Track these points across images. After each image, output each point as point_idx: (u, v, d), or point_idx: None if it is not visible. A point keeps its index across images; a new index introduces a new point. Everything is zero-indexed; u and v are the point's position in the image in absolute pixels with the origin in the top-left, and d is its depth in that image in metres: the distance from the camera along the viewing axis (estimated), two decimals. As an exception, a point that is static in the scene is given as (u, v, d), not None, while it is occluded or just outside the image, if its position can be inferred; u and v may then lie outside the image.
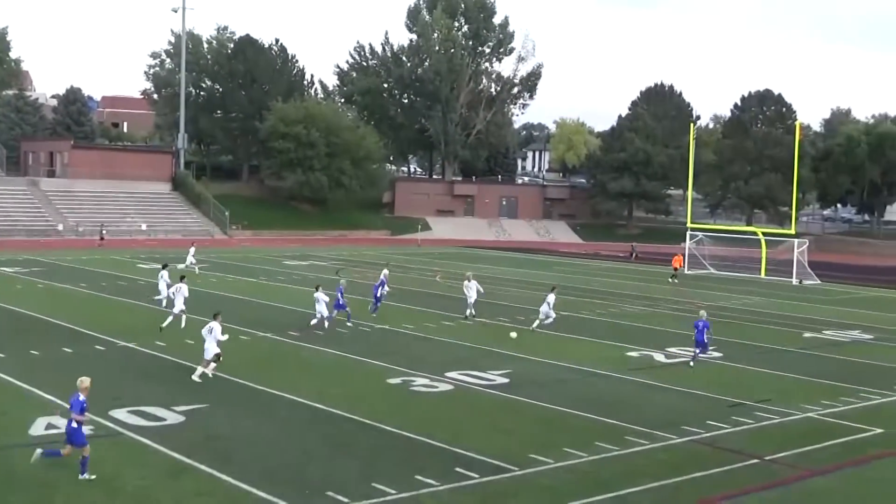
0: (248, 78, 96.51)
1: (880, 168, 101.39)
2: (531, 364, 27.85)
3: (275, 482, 16.00)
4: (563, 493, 16.06)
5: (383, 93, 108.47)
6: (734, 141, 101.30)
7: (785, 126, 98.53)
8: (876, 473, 18.22)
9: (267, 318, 34.96)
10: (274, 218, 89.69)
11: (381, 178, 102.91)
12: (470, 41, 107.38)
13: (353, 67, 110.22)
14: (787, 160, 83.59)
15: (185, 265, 48.93)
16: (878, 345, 34.60)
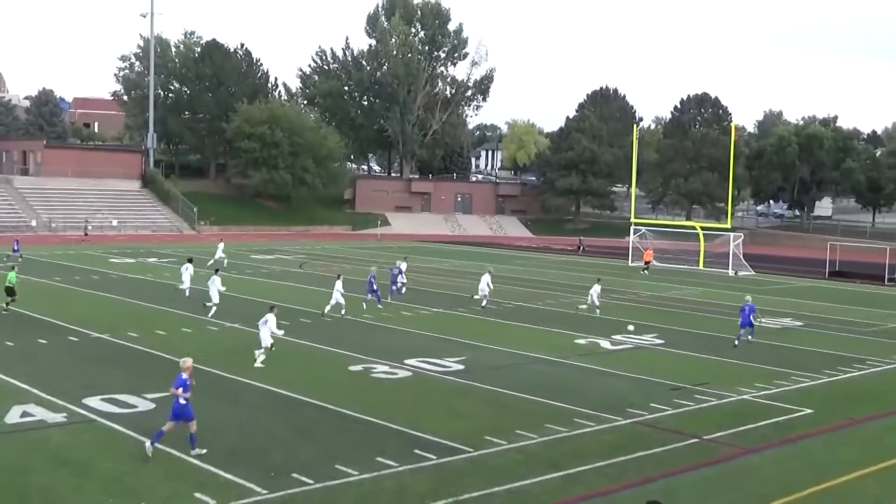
0: (214, 81, 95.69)
1: (809, 166, 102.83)
2: (485, 351, 27.91)
3: (241, 465, 15.90)
4: (516, 473, 16.12)
5: (344, 95, 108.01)
6: (674, 141, 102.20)
7: (721, 127, 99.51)
8: (804, 451, 18.48)
9: (235, 309, 34.69)
10: (240, 214, 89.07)
11: (343, 176, 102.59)
12: (426, 46, 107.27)
13: (315, 71, 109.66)
14: (723, 159, 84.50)
15: (214, 260, 49.55)
16: (807, 331, 35.09)
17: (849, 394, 24.01)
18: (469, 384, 23.21)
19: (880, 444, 19.10)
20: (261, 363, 24.21)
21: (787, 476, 16.67)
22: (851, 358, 28.96)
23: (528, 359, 26.90)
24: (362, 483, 15.31)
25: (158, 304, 35.67)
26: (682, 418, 20.55)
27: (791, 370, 26.40)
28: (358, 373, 24.17)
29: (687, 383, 24.04)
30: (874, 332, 35.47)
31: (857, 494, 15.73)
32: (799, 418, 21.01)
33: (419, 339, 29.68)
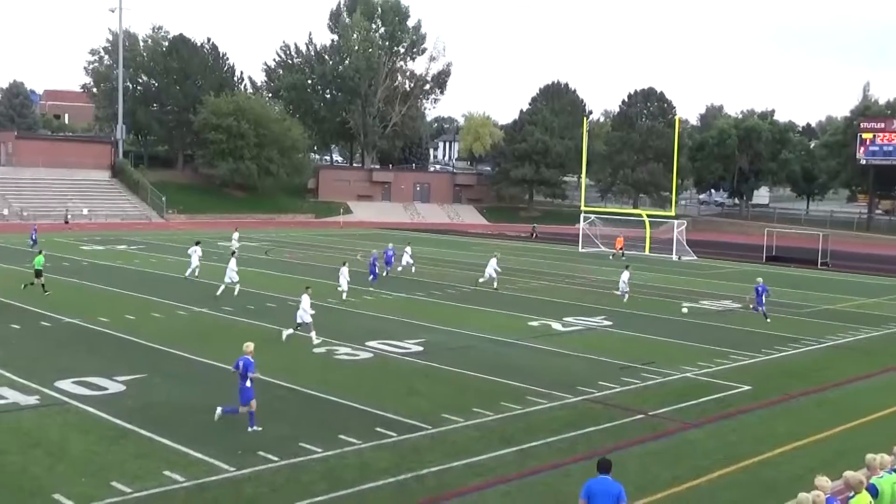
0: (182, 74, 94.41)
1: (748, 157, 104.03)
2: (443, 333, 27.97)
3: (209, 443, 15.82)
4: (472, 448, 16.22)
5: (307, 88, 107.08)
6: (622, 133, 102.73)
7: (666, 120, 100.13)
8: (742, 425, 18.78)
9: (203, 294, 34.42)
10: (207, 203, 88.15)
11: (306, 166, 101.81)
12: (386, 42, 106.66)
13: (279, 65, 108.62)
14: (667, 150, 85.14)
15: (230, 245, 50.49)
16: (746, 313, 35.52)
17: (784, 371, 24.41)
18: (428, 365, 23.25)
19: (813, 418, 19.46)
20: (316, 342, 25.32)
21: (727, 448, 16.94)
22: (787, 337, 29.43)
23: (483, 340, 27.00)
24: (326, 460, 15.30)
25: (128, 289, 35.27)
26: (628, 395, 20.78)
27: (731, 349, 26.77)
28: (321, 355, 24.12)
29: (634, 362, 24.29)
30: (808, 313, 36.06)
31: (791, 465, 16.01)
32: (738, 394, 21.33)
33: (380, 323, 29.66)
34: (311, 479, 14.38)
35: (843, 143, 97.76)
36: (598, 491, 10.74)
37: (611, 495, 10.68)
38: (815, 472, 11.81)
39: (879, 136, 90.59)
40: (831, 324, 33.04)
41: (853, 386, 22.97)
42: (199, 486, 13.89)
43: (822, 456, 16.49)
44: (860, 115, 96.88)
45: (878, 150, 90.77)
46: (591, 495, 10.75)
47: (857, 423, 19.12)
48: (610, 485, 10.81)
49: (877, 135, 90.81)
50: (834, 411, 20.09)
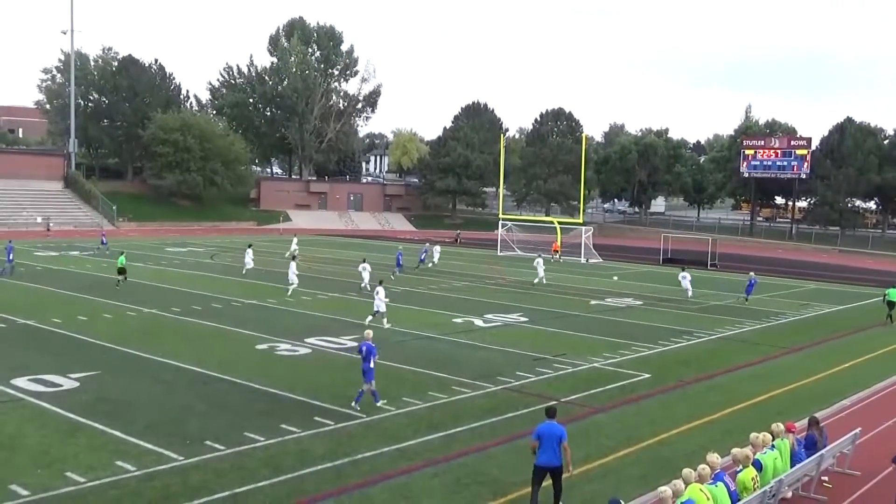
0: (131, 92, 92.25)
1: (646, 171, 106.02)
2: (376, 330, 27.76)
3: (159, 435, 15.48)
4: (403, 434, 16.18)
5: (249, 106, 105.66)
6: (535, 149, 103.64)
7: (574, 137, 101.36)
8: (643, 409, 19.10)
9: (152, 296, 33.67)
10: (156, 212, 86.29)
11: (248, 177, 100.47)
12: (322, 65, 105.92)
13: (223, 84, 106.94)
14: (576, 164, 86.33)
15: (290, 252, 51.78)
16: (646, 309, 36.19)
17: (680, 360, 24.89)
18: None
19: (705, 402, 19.89)
20: (387, 325, 27.80)
21: (629, 430, 17.21)
22: (682, 331, 30.04)
23: (413, 336, 26.95)
24: (268, 447, 15.11)
25: (81, 292, 34.29)
26: (542, 384, 20.96)
27: (633, 341, 27.20)
28: (264, 351, 23.79)
29: (547, 354, 24.50)
30: (700, 308, 36.86)
31: (686, 443, 16.34)
32: (639, 382, 21.68)
33: (318, 321, 29.39)
34: (255, 465, 14.17)
35: (728, 159, 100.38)
36: (546, 432, 12.57)
37: (555, 435, 12.53)
38: (706, 450, 12.10)
39: (760, 151, 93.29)
40: (720, 318, 33.83)
41: (739, 373, 23.54)
42: (148, 474, 13.57)
43: (713, 435, 16.86)
44: (743, 134, 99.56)
45: (759, 164, 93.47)
46: (541, 435, 12.57)
47: (742, 405, 19.61)
48: (555, 427, 12.64)
49: (757, 151, 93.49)
50: (723, 395, 20.57)
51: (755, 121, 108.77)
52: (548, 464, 12.53)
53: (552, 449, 12.49)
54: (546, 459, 12.52)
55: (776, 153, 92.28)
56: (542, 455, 12.53)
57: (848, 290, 47.82)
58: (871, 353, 27.40)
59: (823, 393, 21.25)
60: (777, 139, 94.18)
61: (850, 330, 32.55)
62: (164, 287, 36.97)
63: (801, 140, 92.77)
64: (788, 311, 36.85)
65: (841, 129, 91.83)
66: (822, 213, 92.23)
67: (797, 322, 34.32)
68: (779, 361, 25.54)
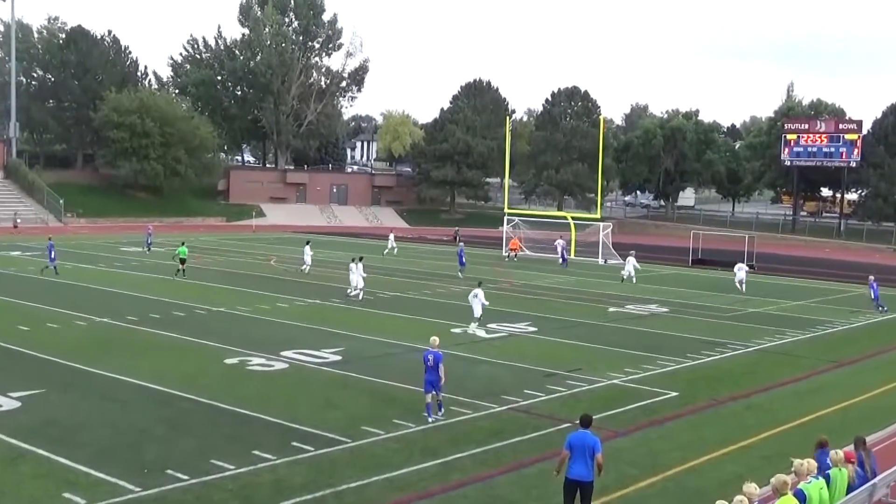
0: (80, 68, 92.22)
1: (673, 158, 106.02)
2: (362, 342, 27.85)
3: (113, 462, 15.46)
4: (393, 462, 16.17)
5: (217, 85, 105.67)
6: (546, 133, 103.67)
7: (590, 120, 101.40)
8: (670, 432, 19.11)
9: (104, 303, 33.63)
10: (110, 206, 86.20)
11: (216, 166, 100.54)
12: (300, 36, 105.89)
13: (186, 60, 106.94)
14: (592, 151, 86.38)
15: (387, 250, 58.87)
16: (673, 317, 36.21)
17: (711, 376, 24.92)
18: (346, 375, 23.13)
19: (741, 424, 19.90)
20: (475, 330, 29.66)
21: (655, 456, 17.21)
22: (714, 342, 30.06)
23: (404, 348, 26.93)
24: (239, 477, 15.09)
25: (23, 299, 34.26)
26: (554, 403, 20.97)
27: (658, 355, 27.21)
28: (234, 365, 23.78)
29: (559, 369, 24.51)
30: (734, 317, 36.90)
31: (720, 471, 16.35)
32: (665, 401, 21.70)
33: (295, 331, 29.39)
34: (223, 497, 14.16)
35: (768, 144, 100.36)
36: (578, 442, 13.05)
37: (587, 446, 12.97)
38: (743, 479, 12.07)
39: (803, 136, 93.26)
40: (757, 327, 33.85)
41: (780, 390, 23.56)
42: (101, 508, 13.55)
43: (750, 462, 16.86)
44: (784, 116, 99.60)
45: (802, 150, 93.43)
46: (572, 446, 13.03)
47: (784, 427, 19.62)
48: (588, 437, 13.11)
49: (800, 135, 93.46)
50: (761, 416, 20.58)
51: (798, 101, 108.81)
52: (579, 477, 12.89)
53: (584, 461, 12.90)
54: (577, 472, 12.90)
55: (822, 138, 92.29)
56: (573, 467, 12.93)
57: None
58: (932, 368, 27.42)
59: (876, 413, 21.25)
60: (823, 122, 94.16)
61: (907, 341, 32.57)
62: (119, 292, 36.94)
63: (850, 123, 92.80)
64: (836, 320, 36.87)
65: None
66: (874, 206, 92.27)
67: (846, 332, 34.34)
68: (825, 377, 25.57)
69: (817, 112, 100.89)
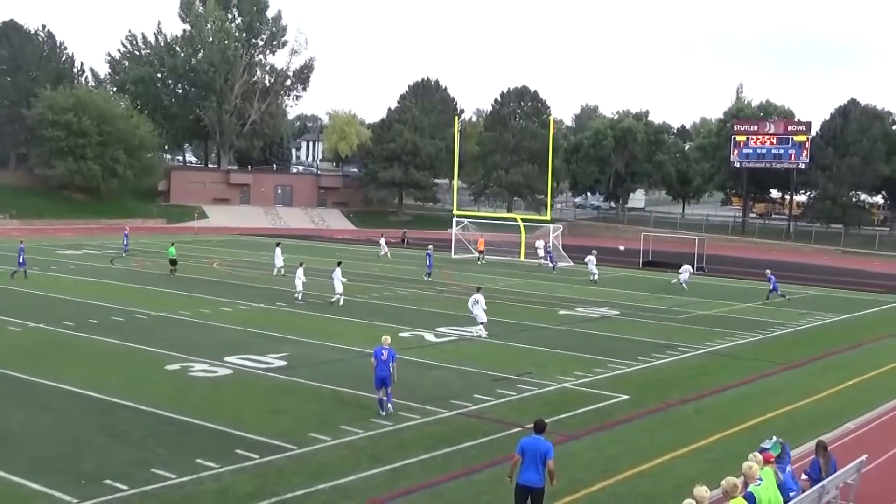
0: (13, 64, 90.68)
1: (623, 159, 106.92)
2: (308, 346, 27.72)
3: (49, 473, 15.21)
4: (340, 469, 16.11)
5: (157, 82, 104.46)
6: (495, 133, 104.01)
7: (540, 120, 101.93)
8: (622, 435, 19.29)
9: (40, 308, 33.07)
10: (45, 207, 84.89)
11: (156, 167, 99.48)
12: (243, 33, 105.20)
13: (125, 56, 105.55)
14: (542, 152, 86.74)
15: (382, 253, 60.32)
16: (623, 320, 36.55)
17: (662, 379, 25.20)
18: (292, 380, 23.01)
19: (692, 426, 20.16)
20: (478, 334, 30.27)
21: (606, 460, 17.36)
22: (665, 345, 30.40)
23: (352, 353, 26.84)
24: (181, 486, 14.94)
25: None
26: (504, 408, 21.05)
27: (608, 358, 27.45)
28: (175, 372, 23.53)
29: (509, 373, 24.61)
30: (685, 319, 37.35)
31: (672, 474, 16.53)
32: (616, 404, 21.89)
33: (240, 336, 29.15)
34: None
35: (717, 146, 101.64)
36: (530, 448, 13.15)
37: (539, 451, 13.07)
38: (694, 482, 12.21)
39: (752, 138, 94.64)
40: (708, 329, 34.31)
41: (730, 393, 23.90)
42: (36, 520, 13.33)
43: (701, 465, 17.07)
44: (733, 117, 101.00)
45: (752, 152, 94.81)
46: (524, 451, 13.14)
47: (735, 430, 19.90)
48: (541, 443, 13.20)
49: (750, 137, 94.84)
50: (712, 419, 20.86)
51: (747, 102, 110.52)
52: (530, 483, 13.00)
53: (535, 467, 13.00)
54: (528, 479, 13.01)
55: (771, 140, 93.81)
56: (525, 473, 13.03)
57: (852, 297, 48.84)
58: (879, 369, 28.02)
59: (825, 415, 21.66)
60: (772, 124, 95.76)
61: (854, 343, 33.25)
62: (55, 297, 36.35)
63: (799, 125, 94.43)
64: (786, 322, 37.51)
65: (844, 113, 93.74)
66: (823, 208, 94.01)
67: (795, 334, 34.95)
68: (775, 379, 25.98)
69: (766, 113, 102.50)
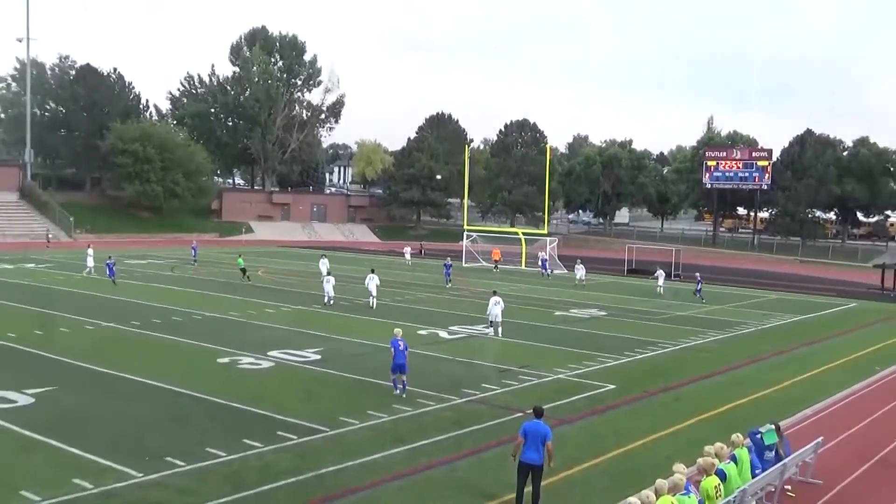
0: (89, 101, 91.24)
1: (610, 182, 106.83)
2: (339, 342, 27.72)
3: (118, 451, 15.24)
4: (367, 448, 16.09)
5: (211, 116, 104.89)
6: (500, 159, 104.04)
7: (538, 148, 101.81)
8: (609, 420, 19.21)
9: (110, 309, 33.18)
10: (115, 223, 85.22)
11: (210, 188, 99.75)
12: (284, 74, 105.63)
13: (183, 94, 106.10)
14: (540, 175, 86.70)
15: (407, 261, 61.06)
16: (611, 319, 36.42)
17: (645, 371, 25.08)
18: (326, 372, 23.00)
19: (671, 412, 20.05)
20: (494, 334, 29.56)
21: (596, 441, 17.28)
22: (646, 341, 30.27)
23: (376, 348, 26.78)
24: (230, 463, 14.94)
25: (36, 306, 33.71)
26: (508, 396, 20.98)
27: (598, 352, 27.34)
28: (225, 364, 23.55)
29: (513, 365, 24.55)
30: (664, 319, 37.18)
31: (653, 454, 16.44)
32: (605, 393, 21.80)
33: (281, 333, 29.17)
34: (217, 482, 14.00)
35: (691, 170, 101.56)
36: (531, 431, 13.25)
37: (540, 434, 13.22)
38: (672, 460, 12.15)
39: (722, 163, 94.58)
40: (684, 328, 34.15)
41: (704, 383, 23.77)
42: (107, 492, 13.35)
43: (678, 445, 16.96)
44: (705, 145, 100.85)
45: (721, 175, 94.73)
46: (527, 433, 13.24)
47: (708, 415, 19.79)
48: (541, 427, 13.34)
49: (719, 162, 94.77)
50: (688, 406, 20.74)
51: (717, 132, 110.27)
52: (530, 461, 13.15)
53: (536, 447, 13.15)
54: (529, 457, 13.16)
55: (738, 165, 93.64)
56: (527, 452, 13.18)
57: (809, 300, 48.54)
58: (833, 363, 27.83)
59: (787, 402, 21.51)
60: (739, 151, 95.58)
61: (811, 340, 33.03)
62: (124, 300, 36.48)
63: (762, 151, 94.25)
64: (750, 322, 37.31)
65: (801, 141, 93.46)
66: (783, 223, 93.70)
67: (759, 332, 34.76)
68: (742, 371, 25.83)
69: (734, 142, 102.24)
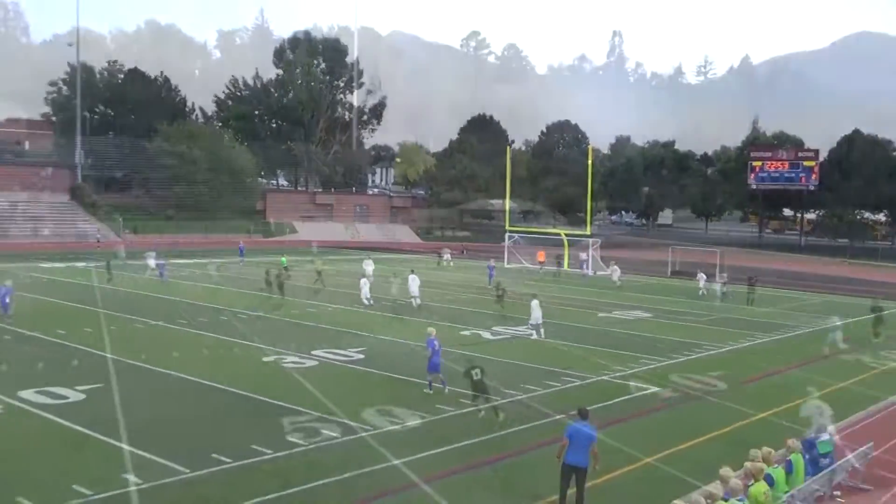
0: (137, 104, 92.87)
1: (653, 183, 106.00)
2: (381, 342, 27.82)
3: (165, 447, 15.47)
4: (412, 447, 16.14)
5: (255, 118, 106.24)
6: (541, 161, 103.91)
7: (580, 149, 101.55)
8: (652, 422, 19.03)
9: (159, 308, 33.69)
10: (162, 223, 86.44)
11: (255, 189, 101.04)
12: (327, 77, 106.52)
13: (228, 97, 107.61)
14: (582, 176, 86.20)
15: (444, 261, 61.81)
16: (654, 321, 36.06)
17: (689, 373, 24.76)
18: (369, 371, 23.11)
19: (714, 415, 19.78)
20: (537, 335, 29.25)
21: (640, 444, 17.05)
22: (691, 343, 29.92)
23: (418, 349, 26.77)
24: (275, 460, 15.08)
25: (86, 304, 34.33)
26: (551, 397, 20.88)
27: (641, 354, 27.10)
28: (270, 363, 23.78)
29: (555, 367, 24.42)
30: (709, 321, 36.73)
31: (698, 457, 16.23)
32: (647, 395, 21.58)
33: (324, 333, 29.36)
34: (262, 478, 14.15)
35: (736, 170, 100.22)
36: (576, 433, 13.25)
37: (585, 436, 13.20)
38: (720, 464, 12.00)
39: (767, 163, 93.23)
40: (729, 331, 33.68)
41: (751, 385, 23.44)
42: (155, 487, 13.57)
43: (726, 449, 16.72)
44: (750, 145, 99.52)
45: (766, 176, 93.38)
46: (572, 435, 13.22)
47: (757, 417, 19.51)
48: (586, 428, 13.38)
49: (765, 162, 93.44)
50: (733, 408, 20.43)
51: (763, 132, 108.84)
52: (575, 463, 13.08)
53: (582, 449, 13.09)
54: (574, 459, 13.09)
55: (784, 165, 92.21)
56: (571, 455, 13.11)
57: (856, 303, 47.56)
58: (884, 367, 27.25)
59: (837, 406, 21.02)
60: (785, 151, 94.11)
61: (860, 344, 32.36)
62: (171, 299, 37.01)
63: (808, 152, 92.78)
64: (799, 324, 36.66)
65: (849, 141, 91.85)
66: (830, 224, 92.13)
67: (809, 334, 34.14)
68: (791, 374, 25.41)
69: (779, 142, 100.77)
